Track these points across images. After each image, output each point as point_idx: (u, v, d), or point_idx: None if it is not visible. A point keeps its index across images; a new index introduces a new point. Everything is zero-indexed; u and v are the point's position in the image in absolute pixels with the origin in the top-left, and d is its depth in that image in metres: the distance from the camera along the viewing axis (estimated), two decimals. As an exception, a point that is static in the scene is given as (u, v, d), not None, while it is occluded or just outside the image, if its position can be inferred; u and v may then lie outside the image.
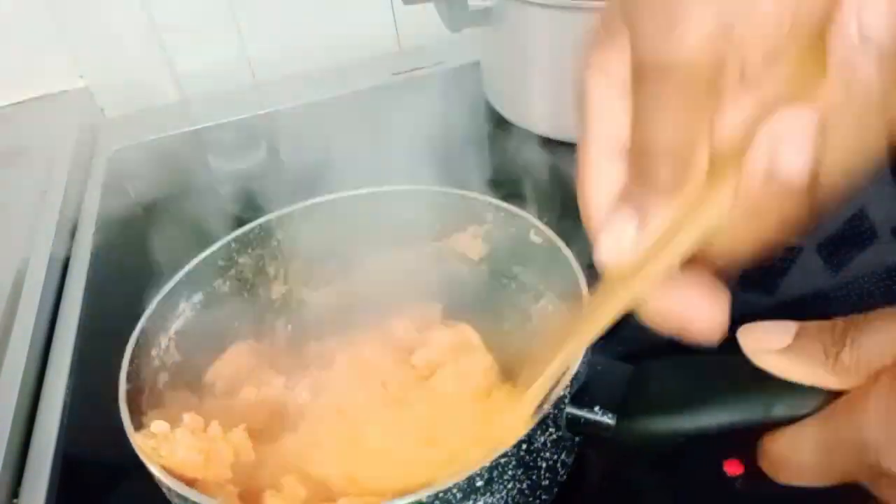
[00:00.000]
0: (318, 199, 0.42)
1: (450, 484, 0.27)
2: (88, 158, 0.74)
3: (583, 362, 0.30)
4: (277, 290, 0.43)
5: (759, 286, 0.48)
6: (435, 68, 0.79)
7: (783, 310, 0.46)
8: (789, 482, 0.25)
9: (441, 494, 0.27)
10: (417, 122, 0.65)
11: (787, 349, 0.25)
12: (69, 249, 0.61)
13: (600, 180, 0.24)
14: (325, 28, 0.82)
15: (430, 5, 0.63)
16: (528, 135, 0.64)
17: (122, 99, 0.81)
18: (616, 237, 0.23)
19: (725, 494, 0.35)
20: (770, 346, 0.25)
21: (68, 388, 0.47)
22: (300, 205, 0.42)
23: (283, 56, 0.82)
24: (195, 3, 0.77)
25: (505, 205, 0.40)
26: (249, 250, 0.42)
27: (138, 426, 0.31)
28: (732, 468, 0.36)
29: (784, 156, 0.19)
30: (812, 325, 0.25)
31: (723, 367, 0.26)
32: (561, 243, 0.36)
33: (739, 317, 0.47)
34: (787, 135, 0.19)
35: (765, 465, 0.26)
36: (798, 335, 0.25)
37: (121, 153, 0.74)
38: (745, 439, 0.30)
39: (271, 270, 0.43)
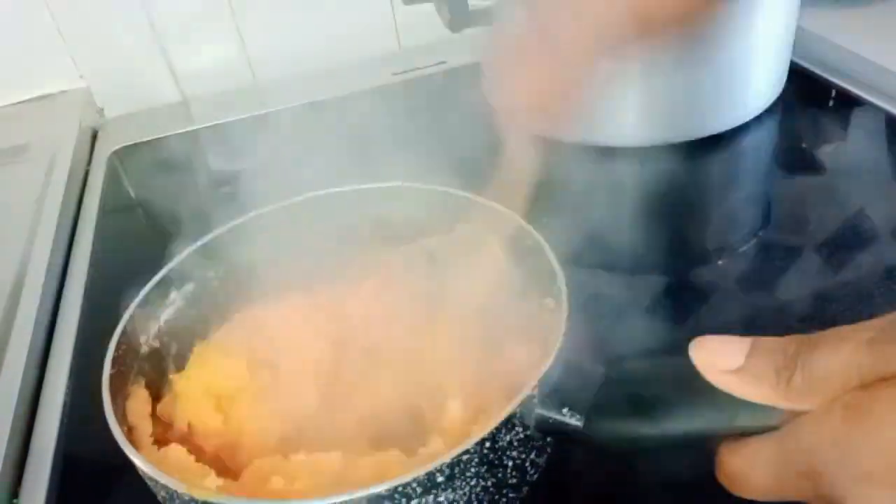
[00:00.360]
0: (310, 195, 0.43)
1: (409, 478, 0.27)
2: (88, 158, 0.74)
3: (554, 363, 0.30)
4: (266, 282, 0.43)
5: (759, 286, 0.48)
6: (435, 68, 0.79)
7: (783, 310, 0.46)
8: (743, 496, 0.25)
9: (400, 488, 0.27)
10: (417, 122, 0.65)
11: (738, 370, 0.24)
12: (69, 249, 0.61)
13: None
14: (325, 28, 0.82)
15: (430, 5, 0.63)
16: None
17: (122, 99, 0.81)
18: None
19: (725, 494, 0.35)
20: (722, 365, 0.25)
21: (68, 388, 0.47)
22: (293, 199, 0.43)
23: (283, 56, 0.82)
24: (195, 3, 0.77)
25: (493, 204, 0.40)
26: (241, 243, 0.42)
27: (120, 411, 0.31)
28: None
29: None
30: (765, 343, 0.24)
31: (693, 373, 0.26)
32: (545, 244, 0.37)
33: (739, 317, 0.48)
34: None
35: (721, 477, 0.26)
36: (750, 355, 0.24)
37: (121, 153, 0.74)
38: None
39: (260, 263, 0.43)
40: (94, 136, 0.78)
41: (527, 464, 0.32)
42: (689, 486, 0.36)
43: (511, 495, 0.32)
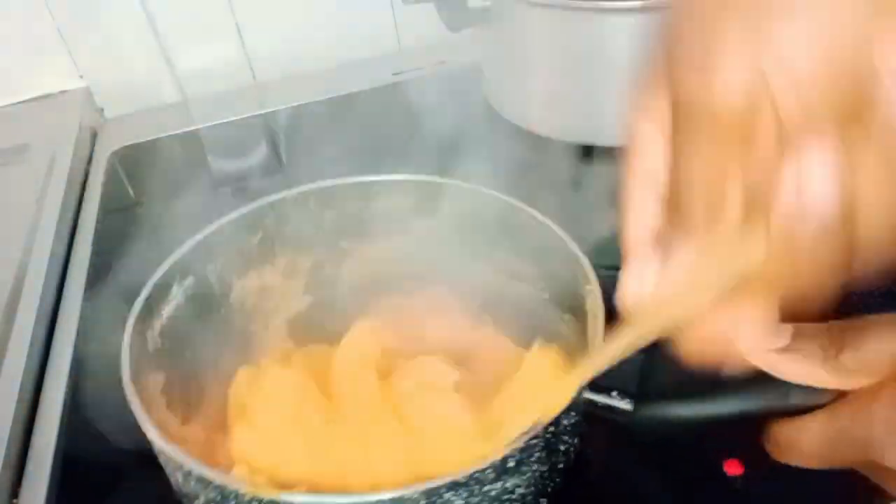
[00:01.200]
0: (310, 186, 0.43)
1: (486, 464, 0.27)
2: (88, 158, 0.74)
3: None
4: (268, 276, 0.43)
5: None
6: (435, 68, 0.79)
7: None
8: (793, 464, 0.26)
9: (476, 475, 0.27)
10: (417, 122, 0.65)
11: (785, 349, 0.25)
12: (69, 249, 0.61)
13: (638, 216, 0.24)
14: (325, 28, 0.82)
15: (430, 5, 0.63)
16: (528, 135, 0.64)
17: (122, 99, 0.81)
18: (637, 277, 0.24)
19: (726, 494, 0.35)
20: (767, 345, 0.25)
21: (68, 388, 0.47)
22: (293, 190, 0.43)
23: (283, 56, 0.82)
24: (195, 3, 0.77)
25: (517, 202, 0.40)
26: (243, 234, 0.42)
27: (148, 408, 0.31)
28: (732, 468, 0.36)
29: (810, 189, 0.19)
30: (808, 326, 0.25)
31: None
32: (565, 234, 0.37)
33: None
34: (812, 168, 0.19)
35: (771, 448, 0.27)
36: (795, 335, 0.25)
37: (121, 153, 0.74)
38: (746, 439, 0.30)
39: (264, 254, 0.43)
40: (94, 136, 0.78)
41: (572, 449, 0.32)
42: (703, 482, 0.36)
43: (557, 480, 0.33)
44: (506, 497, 0.29)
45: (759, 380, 0.26)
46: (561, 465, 0.32)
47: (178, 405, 0.37)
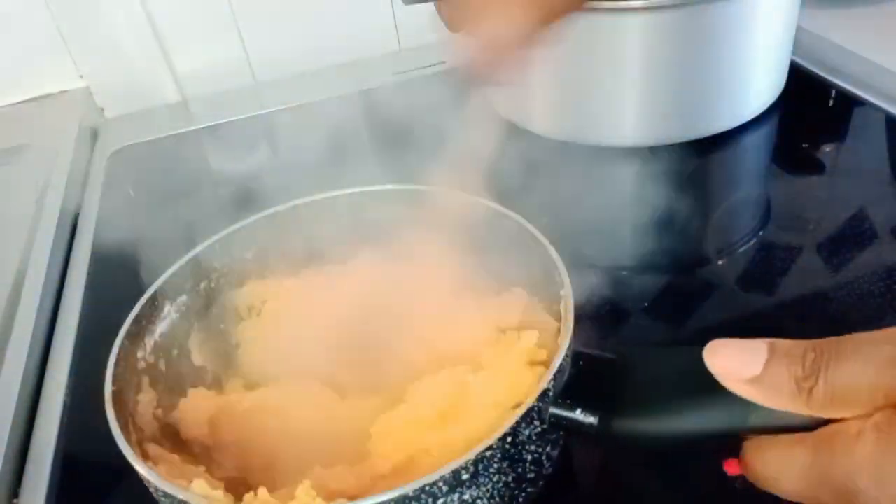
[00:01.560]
0: (304, 199, 0.43)
1: (436, 477, 0.27)
2: (88, 158, 0.74)
3: (566, 356, 0.30)
4: (255, 290, 0.43)
5: (759, 286, 0.48)
6: (435, 68, 0.79)
7: (783, 310, 0.46)
8: (767, 490, 0.25)
9: (427, 488, 0.27)
10: (417, 122, 0.65)
11: (758, 380, 0.24)
12: (69, 249, 0.61)
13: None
14: (325, 28, 0.82)
15: (430, 5, 0.63)
16: (528, 135, 0.64)
17: (122, 99, 0.81)
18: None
19: (725, 494, 0.35)
20: (739, 374, 0.24)
21: (68, 388, 0.47)
22: (284, 205, 0.42)
23: (283, 56, 0.82)
24: (195, 3, 0.77)
25: (494, 205, 0.40)
26: (232, 252, 0.42)
27: (125, 426, 0.31)
28: (732, 468, 0.36)
29: None
30: (782, 347, 0.24)
31: (705, 370, 0.25)
32: (548, 244, 0.37)
33: (740, 317, 0.48)
34: None
35: (747, 472, 0.26)
36: (768, 363, 0.24)
37: (121, 153, 0.74)
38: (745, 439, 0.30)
39: (252, 272, 0.43)
40: (94, 136, 0.78)
41: (543, 457, 0.32)
42: (701, 483, 0.36)
43: (529, 489, 0.32)
44: None
45: (723, 398, 0.25)
46: (531, 475, 0.31)
47: (169, 423, 0.37)
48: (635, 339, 0.45)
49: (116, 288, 0.55)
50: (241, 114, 0.77)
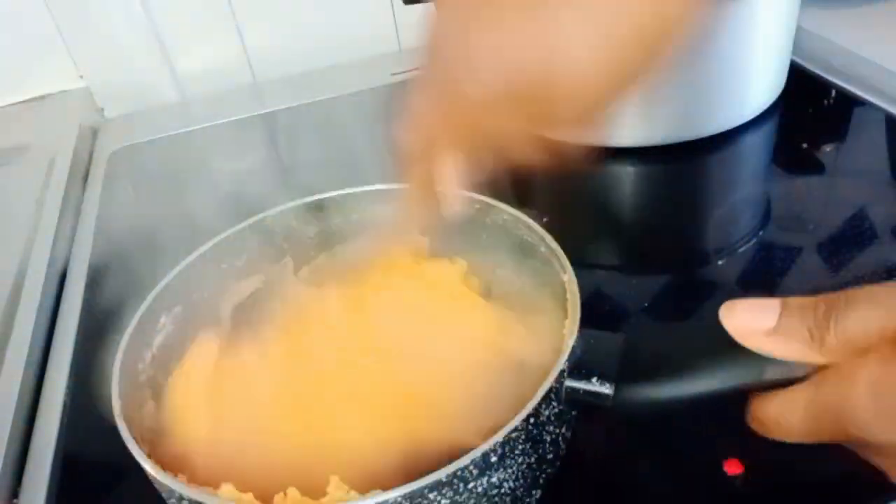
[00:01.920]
0: (295, 203, 0.43)
1: (467, 461, 0.27)
2: (88, 158, 0.74)
3: (577, 336, 0.31)
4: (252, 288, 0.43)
5: (759, 286, 0.48)
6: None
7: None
8: (777, 439, 0.26)
9: (459, 472, 0.27)
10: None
11: (772, 331, 0.25)
12: (69, 249, 0.61)
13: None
14: (325, 28, 0.82)
15: (430, 5, 0.63)
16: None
17: (122, 99, 0.81)
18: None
19: (725, 494, 0.35)
20: (755, 327, 0.25)
21: (68, 388, 0.47)
22: (278, 208, 0.43)
23: (283, 56, 0.82)
24: (195, 3, 0.77)
25: (489, 200, 0.40)
26: (226, 259, 0.42)
27: (137, 439, 0.31)
28: (732, 468, 0.36)
29: None
30: (794, 303, 0.25)
31: (715, 332, 0.26)
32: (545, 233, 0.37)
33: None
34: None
35: (754, 424, 0.27)
36: (782, 315, 0.25)
37: (121, 153, 0.74)
38: (746, 440, 0.30)
39: (250, 274, 0.43)
40: (94, 136, 0.78)
41: (560, 438, 0.32)
42: (701, 483, 0.36)
43: (549, 471, 0.33)
44: (494, 492, 0.29)
45: (734, 356, 0.26)
46: (550, 456, 0.32)
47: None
48: (647, 346, 0.45)
49: (116, 288, 0.55)
50: (241, 114, 0.77)
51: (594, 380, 0.30)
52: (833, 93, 0.67)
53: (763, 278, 0.49)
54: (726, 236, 0.53)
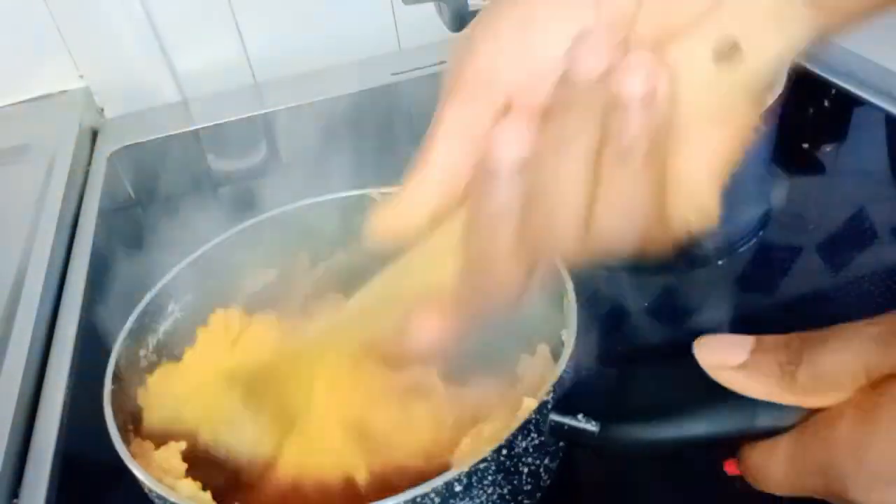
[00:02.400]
0: (305, 202, 0.43)
1: (427, 489, 0.26)
2: (88, 158, 0.74)
3: (567, 368, 0.30)
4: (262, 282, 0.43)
5: (759, 286, 0.48)
6: (435, 68, 0.79)
7: (783, 310, 0.46)
8: (762, 489, 0.26)
9: (419, 500, 0.27)
10: (417, 122, 0.65)
11: (743, 366, 0.25)
12: (69, 249, 0.61)
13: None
14: (325, 28, 0.82)
15: (430, 5, 0.63)
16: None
17: (122, 99, 0.81)
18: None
19: (725, 494, 0.35)
20: (725, 362, 0.25)
21: (68, 388, 0.47)
22: (283, 208, 0.42)
23: (283, 56, 0.82)
24: (195, 3, 0.77)
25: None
26: (238, 252, 0.42)
27: (124, 426, 0.31)
28: (732, 468, 0.36)
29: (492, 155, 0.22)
30: (769, 339, 0.25)
31: (706, 375, 0.26)
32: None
33: (740, 317, 0.48)
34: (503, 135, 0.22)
35: (743, 472, 0.26)
36: (754, 351, 0.25)
37: (121, 153, 0.74)
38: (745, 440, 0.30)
39: (258, 270, 0.43)
40: (94, 136, 0.78)
41: (541, 469, 0.32)
42: (701, 490, 0.36)
43: (526, 502, 0.32)
44: None
45: (726, 401, 0.26)
46: (528, 487, 0.31)
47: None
48: (635, 340, 0.45)
49: (116, 288, 0.55)
50: (241, 114, 0.77)
51: (580, 416, 0.29)
52: (833, 93, 0.67)
53: (763, 278, 0.49)
54: (726, 236, 0.53)
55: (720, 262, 0.50)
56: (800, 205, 0.56)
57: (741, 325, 0.45)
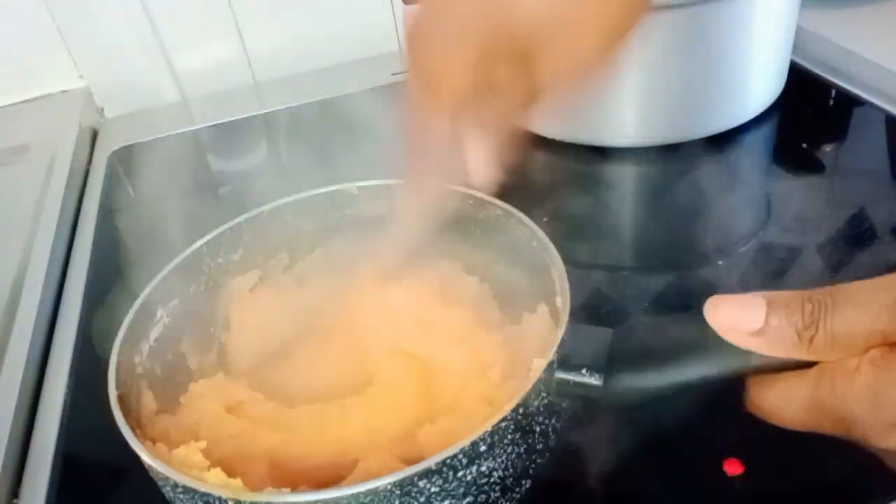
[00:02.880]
0: (286, 199, 0.43)
1: (456, 450, 0.27)
2: (88, 158, 0.74)
3: (566, 330, 0.31)
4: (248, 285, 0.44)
5: (759, 286, 0.48)
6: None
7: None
8: (776, 425, 0.26)
9: (448, 461, 0.28)
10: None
11: (760, 332, 0.25)
12: (69, 249, 0.61)
13: None
14: (325, 28, 0.82)
15: None
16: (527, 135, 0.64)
17: (122, 99, 0.81)
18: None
19: (725, 494, 0.35)
20: (742, 328, 0.25)
21: (68, 388, 0.47)
22: (270, 205, 0.43)
23: (283, 56, 0.82)
24: (195, 3, 0.77)
25: (499, 202, 0.40)
26: (222, 253, 0.42)
27: (134, 428, 0.31)
28: (732, 468, 0.36)
29: None
30: (780, 301, 0.25)
31: (703, 323, 0.26)
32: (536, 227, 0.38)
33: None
34: None
35: (752, 409, 0.27)
36: (769, 315, 0.25)
37: (121, 153, 0.74)
38: (746, 440, 0.30)
39: (244, 270, 0.43)
40: (94, 136, 0.78)
41: (549, 429, 0.33)
42: (701, 490, 0.36)
43: (538, 461, 0.33)
44: (483, 481, 0.30)
45: (721, 344, 0.26)
46: (540, 446, 0.32)
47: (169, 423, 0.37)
48: (635, 339, 0.45)
49: (116, 288, 0.55)
50: (241, 114, 0.77)
51: (583, 371, 0.30)
52: (833, 93, 0.67)
53: (763, 278, 0.49)
54: (726, 236, 0.53)
55: (720, 262, 0.50)
56: (800, 205, 0.56)
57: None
